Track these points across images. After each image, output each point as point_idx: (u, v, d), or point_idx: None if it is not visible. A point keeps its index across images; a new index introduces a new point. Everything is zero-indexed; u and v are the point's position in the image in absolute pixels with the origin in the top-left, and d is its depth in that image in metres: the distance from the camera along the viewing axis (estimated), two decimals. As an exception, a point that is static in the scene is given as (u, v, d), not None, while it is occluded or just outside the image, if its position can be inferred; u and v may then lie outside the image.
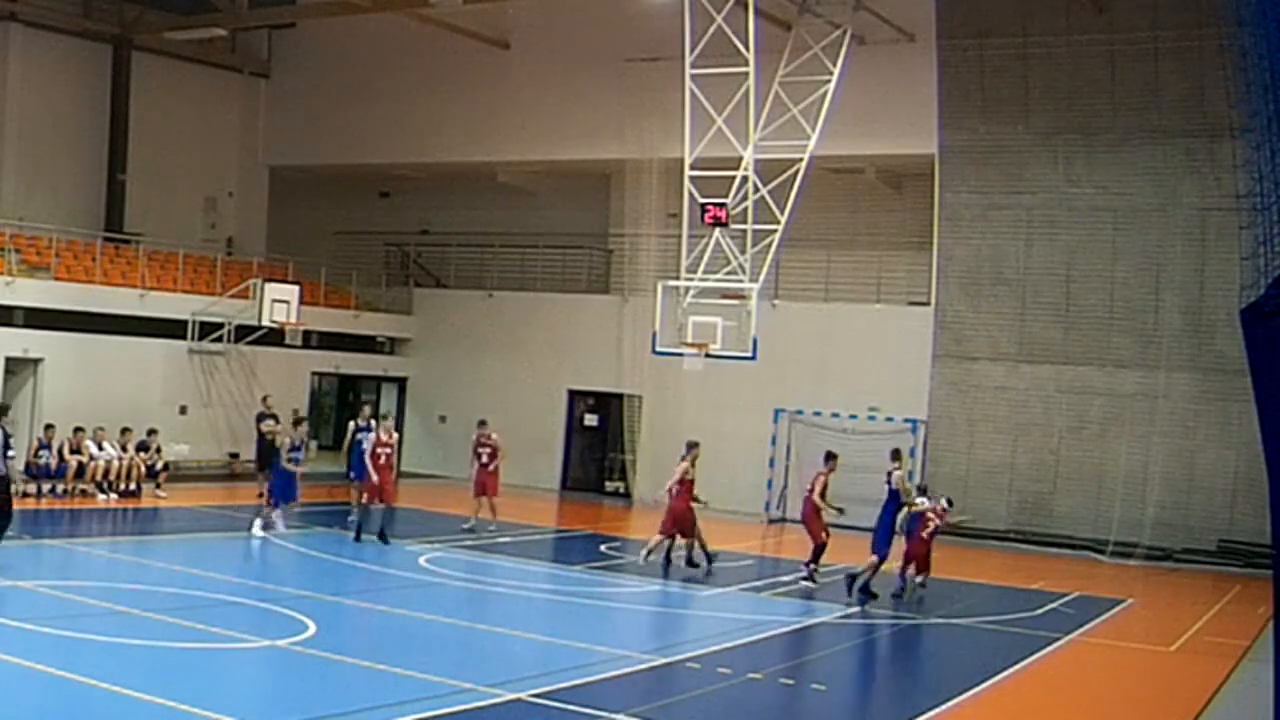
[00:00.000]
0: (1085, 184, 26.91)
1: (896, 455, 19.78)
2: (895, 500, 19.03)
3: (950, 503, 21.06)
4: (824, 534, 19.76)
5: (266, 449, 26.24)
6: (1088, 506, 26.51)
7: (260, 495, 25.53)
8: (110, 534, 21.32)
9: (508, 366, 32.97)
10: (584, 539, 24.83)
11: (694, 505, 20.23)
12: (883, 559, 18.51)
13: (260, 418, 26.43)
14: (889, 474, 19.14)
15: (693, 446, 20.51)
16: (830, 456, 20.07)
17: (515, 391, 32.19)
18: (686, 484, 20.06)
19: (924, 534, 19.28)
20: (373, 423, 23.31)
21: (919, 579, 19.45)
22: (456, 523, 23.45)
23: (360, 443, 22.87)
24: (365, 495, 21.35)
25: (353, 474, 23.48)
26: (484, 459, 23.30)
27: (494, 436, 23.52)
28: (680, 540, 20.32)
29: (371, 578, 18.68)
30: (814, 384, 28.83)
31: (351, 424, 24.38)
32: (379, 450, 20.92)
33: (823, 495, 19.71)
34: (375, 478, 20.87)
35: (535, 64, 32.37)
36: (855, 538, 20.43)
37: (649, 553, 20.12)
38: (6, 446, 16.89)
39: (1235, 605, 20.95)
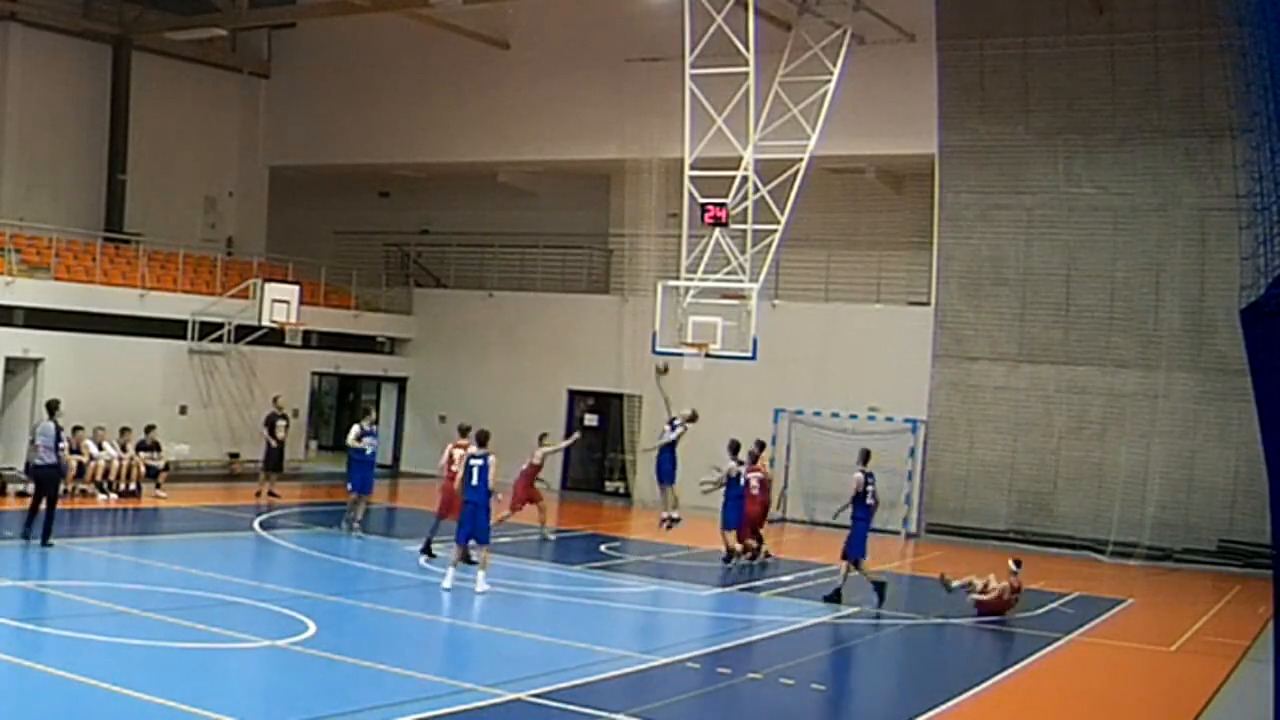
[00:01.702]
0: (1085, 184, 26.89)
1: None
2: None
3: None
4: None
5: (277, 450, 26.17)
6: (1088, 506, 26.50)
7: (263, 494, 25.51)
8: (110, 534, 21.29)
9: (508, 366, 32.95)
10: (584, 539, 24.81)
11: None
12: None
13: (271, 418, 26.36)
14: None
15: (764, 446, 21.51)
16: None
17: (515, 391, 32.16)
18: (764, 485, 21.17)
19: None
20: (374, 427, 23.08)
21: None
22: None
23: (363, 449, 22.37)
24: (438, 509, 19.86)
25: (350, 485, 22.45)
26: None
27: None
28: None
29: (371, 578, 18.69)
30: (814, 384, 28.80)
31: (355, 427, 22.78)
32: (453, 464, 19.37)
33: None
34: (450, 490, 19.24)
35: (535, 64, 32.36)
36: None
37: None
38: (58, 439, 17.62)
39: (1235, 605, 20.95)
